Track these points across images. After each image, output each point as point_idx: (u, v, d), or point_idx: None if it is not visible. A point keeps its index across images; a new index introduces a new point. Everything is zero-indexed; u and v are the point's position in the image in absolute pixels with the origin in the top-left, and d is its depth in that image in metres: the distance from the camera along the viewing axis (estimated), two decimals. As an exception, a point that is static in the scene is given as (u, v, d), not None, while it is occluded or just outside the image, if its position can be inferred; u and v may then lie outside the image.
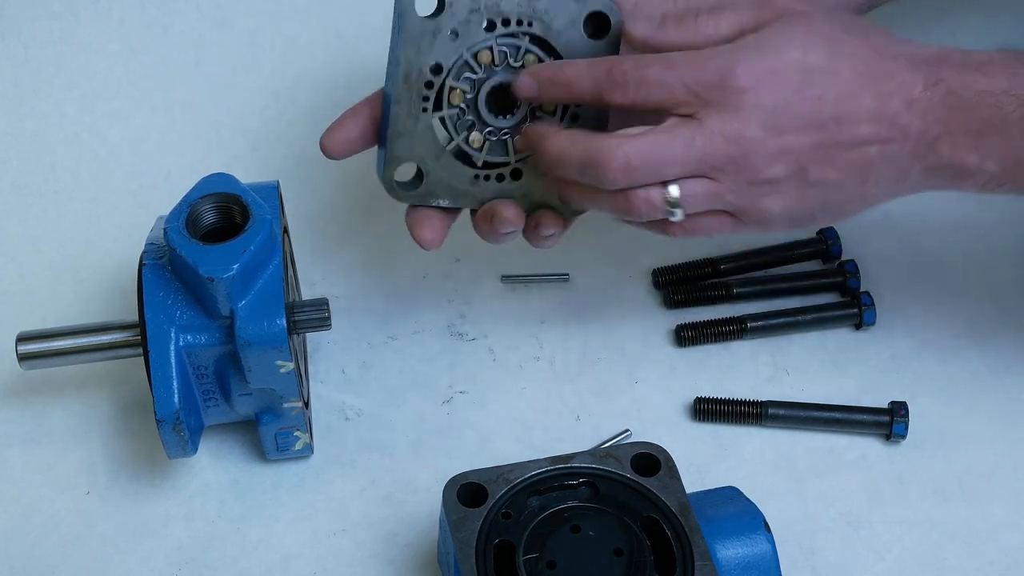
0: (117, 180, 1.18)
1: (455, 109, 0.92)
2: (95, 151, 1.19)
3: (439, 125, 0.93)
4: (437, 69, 0.91)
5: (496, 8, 0.90)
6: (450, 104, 0.92)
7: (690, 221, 0.89)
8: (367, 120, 0.94)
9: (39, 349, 0.97)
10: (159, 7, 1.21)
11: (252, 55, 1.23)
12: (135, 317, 0.94)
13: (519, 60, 0.92)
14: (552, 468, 0.88)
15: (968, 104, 0.86)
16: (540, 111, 0.93)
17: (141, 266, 0.93)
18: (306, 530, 0.98)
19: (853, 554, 0.96)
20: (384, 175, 0.94)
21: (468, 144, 0.94)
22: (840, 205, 0.90)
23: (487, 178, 0.95)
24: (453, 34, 0.90)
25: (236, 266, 0.89)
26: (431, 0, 0.90)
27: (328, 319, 0.95)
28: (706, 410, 1.03)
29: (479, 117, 0.93)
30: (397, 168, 0.94)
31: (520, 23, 0.91)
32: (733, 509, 0.89)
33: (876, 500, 0.99)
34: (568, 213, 0.96)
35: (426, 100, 0.92)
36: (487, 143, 0.94)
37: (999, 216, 1.14)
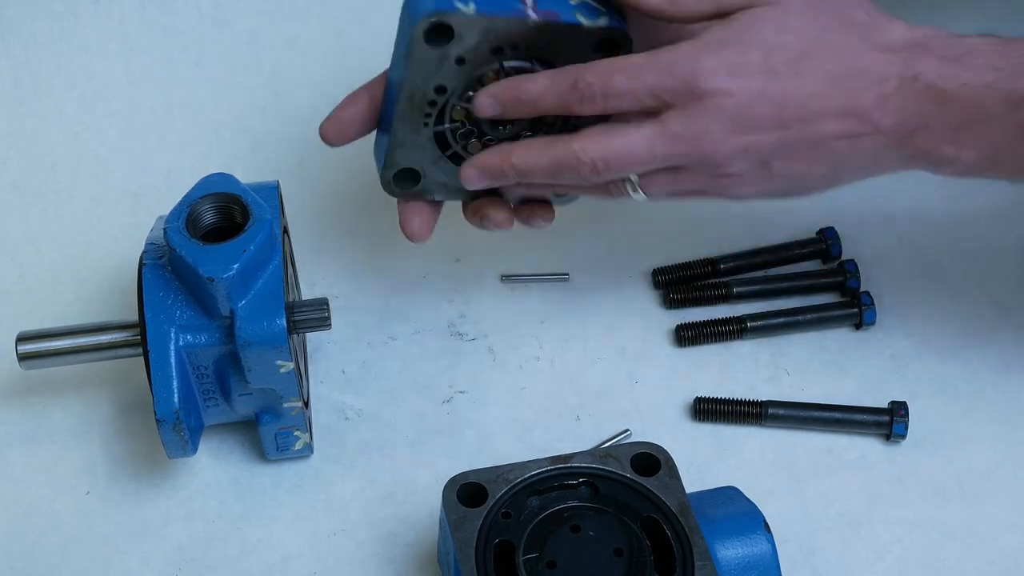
0: (117, 180, 1.18)
1: (456, 123, 0.92)
2: (95, 151, 1.19)
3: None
4: (441, 91, 0.90)
5: (507, 38, 0.88)
6: (452, 120, 0.92)
7: (655, 197, 0.91)
8: (366, 107, 0.94)
9: (39, 349, 0.97)
10: (159, 7, 1.22)
11: (252, 55, 1.23)
12: (135, 317, 0.94)
13: None
14: (552, 468, 0.88)
15: (948, 98, 0.85)
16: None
17: (141, 266, 0.93)
18: (306, 530, 0.98)
19: (853, 554, 0.96)
20: (382, 177, 0.95)
21: (466, 151, 0.94)
22: (812, 186, 0.91)
23: None
24: (459, 61, 0.89)
25: (236, 266, 0.89)
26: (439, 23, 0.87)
27: (328, 319, 0.95)
28: (706, 410, 1.03)
29: (479, 128, 0.93)
30: (395, 172, 0.95)
31: (529, 48, 0.89)
32: (733, 509, 0.89)
33: (876, 500, 0.99)
34: (558, 202, 0.98)
35: (428, 116, 0.92)
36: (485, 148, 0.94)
37: (999, 216, 1.14)
